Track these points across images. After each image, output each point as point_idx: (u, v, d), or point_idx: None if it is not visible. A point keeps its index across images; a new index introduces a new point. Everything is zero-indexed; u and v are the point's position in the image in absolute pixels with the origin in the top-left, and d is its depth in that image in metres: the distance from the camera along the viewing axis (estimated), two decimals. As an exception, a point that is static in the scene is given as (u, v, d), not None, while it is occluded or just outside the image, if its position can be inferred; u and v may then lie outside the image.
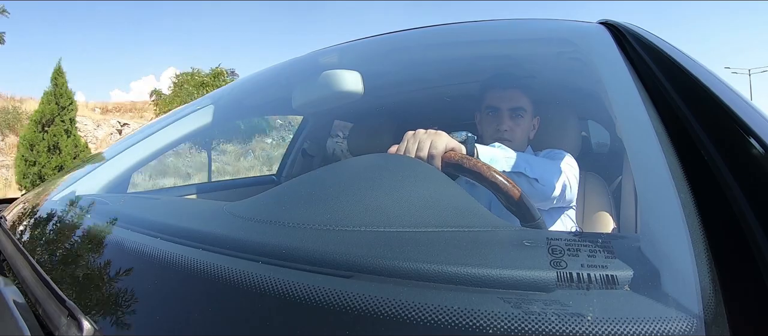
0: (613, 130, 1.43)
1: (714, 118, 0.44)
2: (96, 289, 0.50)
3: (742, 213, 0.34)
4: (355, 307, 0.34)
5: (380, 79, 1.35)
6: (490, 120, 1.06)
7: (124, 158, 1.10)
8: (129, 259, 0.52)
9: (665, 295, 0.31)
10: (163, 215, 0.66)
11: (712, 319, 0.29)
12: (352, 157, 1.20)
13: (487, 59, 1.23)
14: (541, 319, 0.30)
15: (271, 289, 0.38)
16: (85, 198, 0.88)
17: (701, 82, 0.49)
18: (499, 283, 0.34)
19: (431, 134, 0.66)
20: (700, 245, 0.33)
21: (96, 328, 0.38)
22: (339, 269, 0.39)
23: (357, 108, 1.35)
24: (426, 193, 0.49)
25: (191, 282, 0.43)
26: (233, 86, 1.41)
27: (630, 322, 0.29)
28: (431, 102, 1.56)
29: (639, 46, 0.64)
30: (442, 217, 0.45)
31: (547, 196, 0.83)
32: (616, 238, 0.49)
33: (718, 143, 0.40)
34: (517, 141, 1.04)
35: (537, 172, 0.79)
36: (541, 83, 1.19)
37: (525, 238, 0.40)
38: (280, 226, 0.47)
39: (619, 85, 0.59)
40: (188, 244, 0.49)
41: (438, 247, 0.40)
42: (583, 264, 0.34)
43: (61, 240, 0.68)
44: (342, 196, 0.50)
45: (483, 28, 1.13)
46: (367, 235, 0.43)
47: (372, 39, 1.25)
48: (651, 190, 0.43)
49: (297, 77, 1.28)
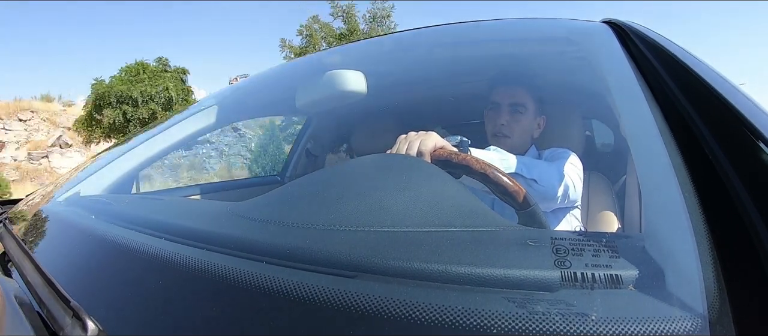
0: (617, 130, 1.42)
1: (718, 117, 0.44)
2: (100, 289, 0.50)
3: (747, 212, 0.33)
4: (359, 307, 0.34)
5: (384, 79, 1.35)
6: (492, 116, 1.07)
7: (128, 159, 1.11)
8: (133, 260, 0.52)
9: (669, 295, 0.31)
10: (167, 216, 0.66)
11: (717, 318, 0.29)
12: (356, 158, 1.21)
13: (491, 59, 1.23)
14: (545, 318, 0.30)
15: (275, 289, 0.38)
16: (89, 198, 0.89)
17: (705, 81, 0.49)
18: (503, 282, 0.34)
19: (421, 135, 0.67)
20: (705, 244, 0.33)
21: (100, 328, 0.38)
22: (343, 269, 0.39)
23: (360, 108, 1.35)
24: (429, 193, 0.49)
25: (195, 282, 0.43)
26: (237, 87, 1.42)
27: (634, 321, 0.29)
28: (435, 101, 1.56)
29: (643, 45, 0.63)
30: (445, 217, 0.45)
31: (547, 197, 0.83)
32: (620, 237, 0.49)
33: (722, 142, 0.40)
34: (516, 137, 1.04)
35: (534, 173, 0.79)
36: (545, 82, 1.19)
37: (529, 237, 0.40)
38: (283, 226, 0.47)
39: (623, 84, 0.59)
40: (192, 244, 0.49)
41: (442, 247, 0.40)
42: (588, 263, 0.34)
43: (65, 240, 0.68)
44: (346, 196, 0.50)
45: (486, 28, 1.13)
46: (371, 235, 0.43)
47: (375, 39, 1.25)
48: (655, 190, 0.43)
49: (301, 77, 1.28)
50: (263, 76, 1.35)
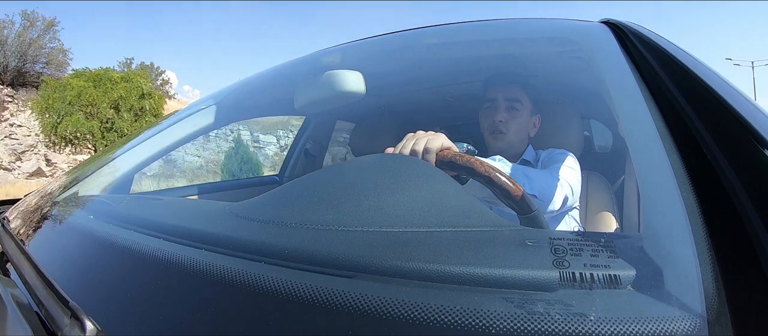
0: (616, 130, 1.42)
1: (717, 116, 0.44)
2: (99, 289, 0.50)
3: (745, 212, 0.34)
4: (357, 307, 0.34)
5: (382, 79, 1.35)
6: (488, 113, 1.07)
7: (127, 159, 1.10)
8: (132, 260, 0.52)
9: (668, 295, 0.31)
10: (165, 216, 0.66)
11: (715, 318, 0.29)
12: (355, 158, 1.20)
13: (489, 59, 1.23)
14: (543, 318, 0.30)
15: (273, 290, 0.38)
16: (87, 198, 0.89)
17: (704, 81, 0.49)
18: (502, 282, 0.34)
19: (430, 134, 0.67)
20: (703, 244, 0.33)
21: (99, 328, 0.38)
22: (341, 269, 0.39)
23: (359, 108, 1.35)
24: (428, 193, 0.49)
25: (194, 282, 0.43)
26: (236, 86, 1.41)
27: (633, 321, 0.29)
28: (434, 101, 1.56)
29: (641, 45, 0.64)
30: (444, 217, 0.45)
31: (546, 211, 0.83)
32: (618, 237, 0.49)
33: (720, 142, 0.40)
34: (512, 134, 1.05)
35: (536, 187, 0.80)
36: (544, 82, 1.19)
37: (527, 237, 0.40)
38: (282, 226, 0.47)
39: (621, 85, 0.59)
40: (191, 244, 0.49)
41: (440, 247, 0.40)
42: (586, 263, 0.34)
43: (63, 241, 0.68)
44: (344, 196, 0.50)
45: (485, 28, 1.13)
46: (369, 235, 0.43)
47: (374, 39, 1.25)
48: (654, 190, 0.43)
49: (299, 77, 1.28)
50: (262, 76, 1.35)
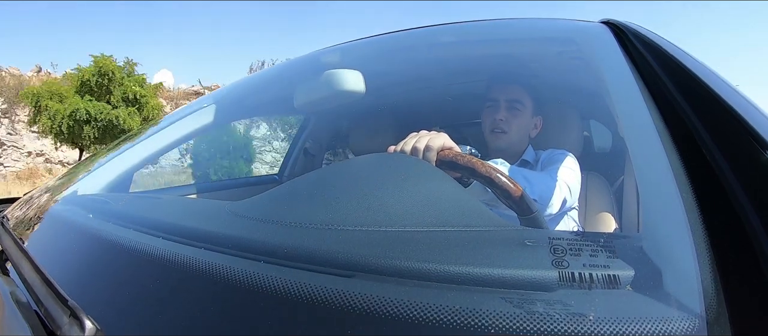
0: (615, 130, 1.42)
1: (716, 117, 0.44)
2: (98, 288, 0.50)
3: (744, 212, 0.34)
4: (357, 307, 0.34)
5: (382, 79, 1.35)
6: (489, 113, 1.08)
7: (126, 158, 1.10)
8: (131, 259, 0.52)
9: (667, 295, 0.31)
10: (165, 215, 0.66)
11: (715, 318, 0.29)
12: (354, 157, 1.20)
13: (489, 58, 1.24)
14: (543, 318, 0.30)
15: (272, 289, 0.38)
16: (87, 197, 0.89)
17: (703, 82, 0.49)
18: (501, 282, 0.34)
19: (433, 133, 0.67)
20: (702, 244, 0.33)
21: (98, 327, 0.38)
22: (341, 269, 0.39)
23: (359, 107, 1.35)
24: (428, 192, 0.49)
25: (193, 281, 0.43)
26: (235, 86, 1.41)
27: (632, 321, 0.29)
28: (433, 101, 1.56)
29: (641, 45, 0.64)
30: (443, 217, 0.45)
31: (545, 214, 0.83)
32: (618, 237, 0.49)
33: (720, 142, 0.40)
34: (513, 133, 1.05)
35: (536, 191, 0.80)
36: (543, 82, 1.19)
37: (527, 237, 0.40)
38: (281, 225, 0.47)
39: (621, 85, 0.59)
40: (190, 243, 0.49)
41: (440, 247, 0.40)
42: (585, 263, 0.34)
43: (63, 239, 0.68)
44: (344, 195, 0.50)
45: (485, 28, 1.13)
46: (369, 235, 0.43)
47: (374, 38, 1.25)
48: (653, 190, 0.43)
49: (299, 76, 1.27)
50: (262, 75, 1.35)
